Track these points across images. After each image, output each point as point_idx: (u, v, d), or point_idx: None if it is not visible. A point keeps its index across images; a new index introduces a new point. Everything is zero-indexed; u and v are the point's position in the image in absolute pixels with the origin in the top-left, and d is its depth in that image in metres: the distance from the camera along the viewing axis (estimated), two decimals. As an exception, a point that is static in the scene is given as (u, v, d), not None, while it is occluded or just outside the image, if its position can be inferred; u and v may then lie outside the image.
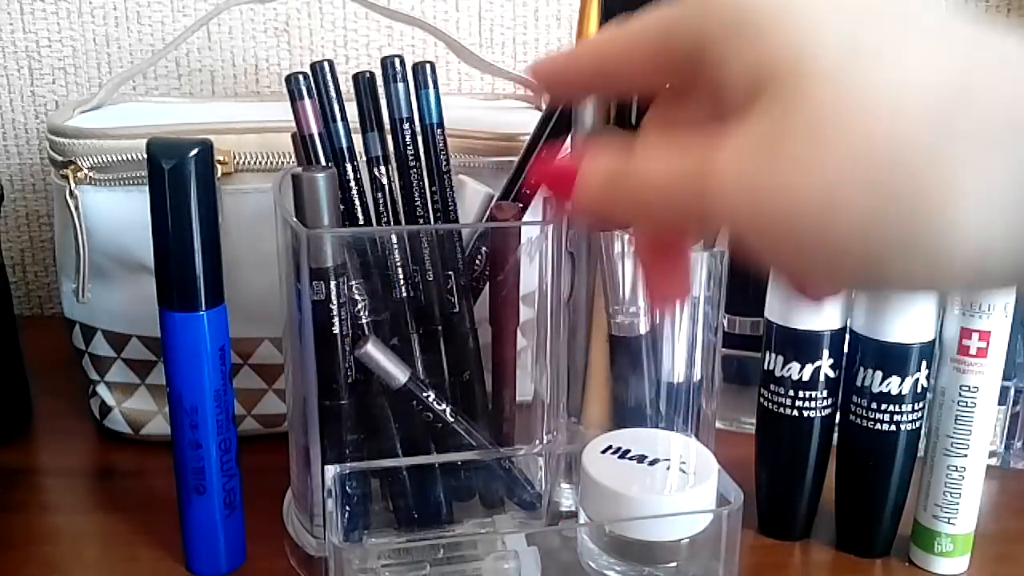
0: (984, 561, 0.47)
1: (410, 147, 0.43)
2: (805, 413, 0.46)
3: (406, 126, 0.42)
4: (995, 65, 0.20)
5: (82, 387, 0.58)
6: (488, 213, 0.45)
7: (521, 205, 0.45)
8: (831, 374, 0.46)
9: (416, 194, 0.43)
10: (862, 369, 0.45)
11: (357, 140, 0.43)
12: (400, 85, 0.42)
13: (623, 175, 0.24)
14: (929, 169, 0.19)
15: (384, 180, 0.43)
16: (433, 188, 0.43)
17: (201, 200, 0.40)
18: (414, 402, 0.42)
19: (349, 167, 0.42)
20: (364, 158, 0.43)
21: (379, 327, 0.42)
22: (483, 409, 0.45)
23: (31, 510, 0.51)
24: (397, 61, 0.42)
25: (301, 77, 0.41)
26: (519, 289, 0.45)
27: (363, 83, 0.42)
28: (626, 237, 0.43)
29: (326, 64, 0.42)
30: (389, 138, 0.43)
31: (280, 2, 0.72)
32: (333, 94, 0.42)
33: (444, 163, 0.43)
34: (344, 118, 0.42)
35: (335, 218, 0.40)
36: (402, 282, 0.42)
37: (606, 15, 0.48)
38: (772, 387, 0.47)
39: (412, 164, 0.43)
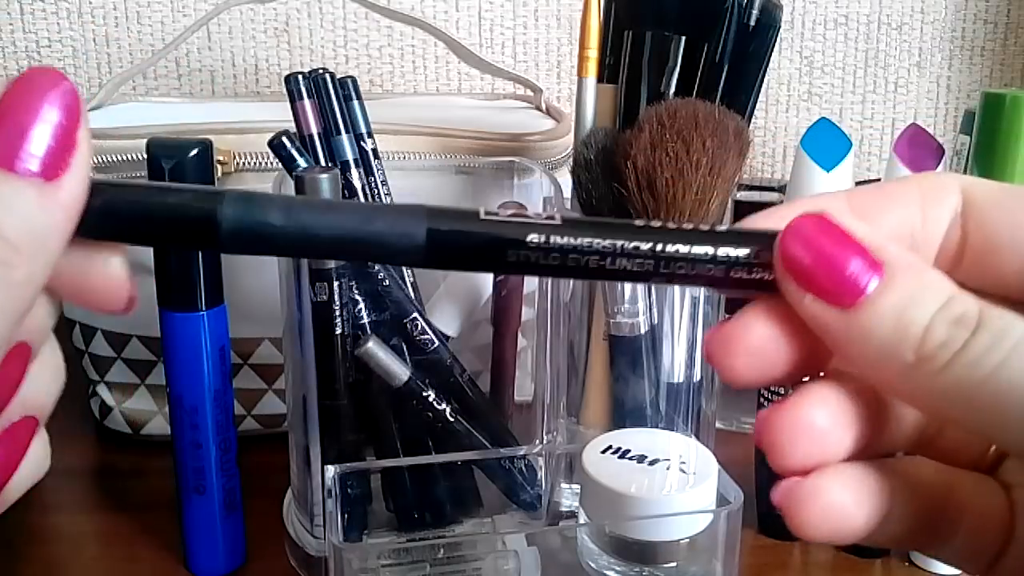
0: (984, 561, 0.47)
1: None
2: (805, 413, 0.46)
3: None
4: None
5: (82, 387, 0.58)
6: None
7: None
8: (831, 374, 0.46)
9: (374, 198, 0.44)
10: (862, 369, 0.45)
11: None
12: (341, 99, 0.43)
13: None
14: None
15: (356, 183, 0.43)
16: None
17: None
18: (414, 401, 0.42)
19: (355, 173, 0.42)
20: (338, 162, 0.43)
21: (379, 327, 0.42)
22: (483, 409, 0.45)
23: (31, 510, 0.51)
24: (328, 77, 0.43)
25: (300, 77, 0.41)
26: (522, 289, 0.45)
27: (321, 86, 0.43)
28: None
29: (327, 75, 0.42)
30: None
31: (280, 2, 0.72)
32: (335, 103, 0.42)
33: (378, 170, 0.45)
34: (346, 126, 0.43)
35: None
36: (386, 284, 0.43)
37: (608, 16, 0.48)
38: (772, 387, 0.47)
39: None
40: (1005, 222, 0.21)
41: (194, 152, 0.40)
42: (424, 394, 0.42)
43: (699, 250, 0.20)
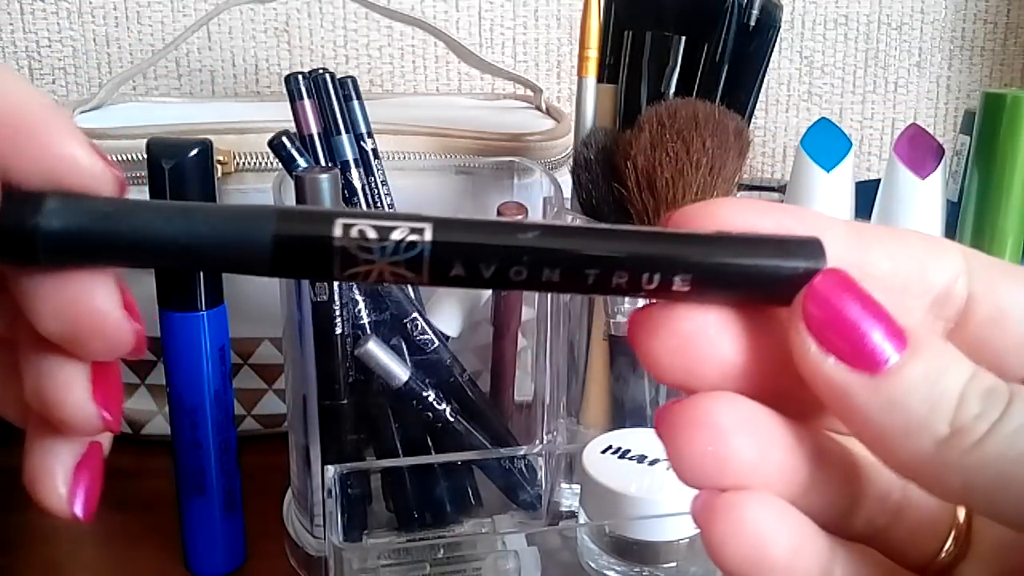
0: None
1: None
2: (805, 413, 0.46)
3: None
4: None
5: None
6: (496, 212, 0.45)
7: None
8: (831, 374, 0.46)
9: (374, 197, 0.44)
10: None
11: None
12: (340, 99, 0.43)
13: None
14: None
15: (356, 183, 0.43)
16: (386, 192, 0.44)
17: (201, 200, 0.40)
18: (414, 401, 0.42)
19: (355, 173, 0.42)
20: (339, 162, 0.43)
21: (379, 327, 0.42)
22: (483, 409, 0.45)
23: (31, 510, 0.50)
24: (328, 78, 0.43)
25: (300, 77, 0.41)
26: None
27: (321, 86, 0.43)
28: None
29: (327, 75, 0.42)
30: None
31: (280, 2, 0.72)
32: (335, 103, 0.42)
33: (378, 170, 0.45)
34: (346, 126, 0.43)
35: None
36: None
37: (608, 16, 0.48)
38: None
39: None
40: (1017, 293, 0.20)
41: (194, 152, 0.40)
42: (424, 394, 0.42)
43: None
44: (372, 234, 0.17)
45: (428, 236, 0.17)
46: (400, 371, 0.42)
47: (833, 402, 0.18)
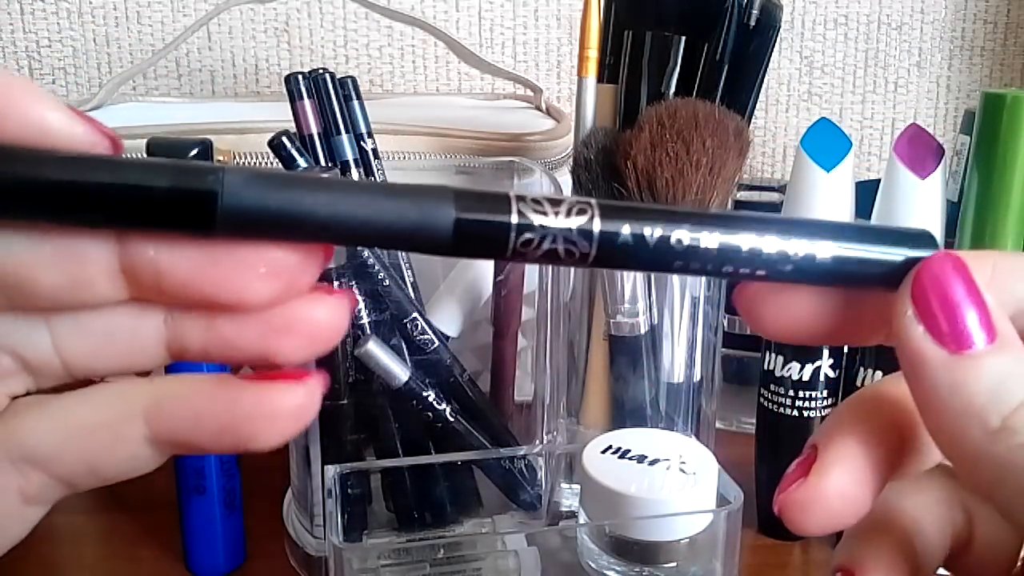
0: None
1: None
2: (805, 413, 0.46)
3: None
4: None
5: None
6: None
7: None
8: (831, 374, 0.46)
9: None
10: (862, 369, 0.45)
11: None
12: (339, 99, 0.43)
13: None
14: None
15: None
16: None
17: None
18: (414, 401, 0.42)
19: (355, 173, 0.42)
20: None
21: (379, 327, 0.42)
22: (483, 409, 0.45)
23: (31, 510, 0.51)
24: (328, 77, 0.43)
25: (300, 77, 0.41)
26: (522, 289, 0.45)
27: (321, 86, 0.43)
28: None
29: (327, 75, 0.42)
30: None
31: (280, 2, 0.72)
32: (335, 103, 0.42)
33: (378, 170, 0.45)
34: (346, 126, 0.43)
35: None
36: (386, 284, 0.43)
37: (608, 16, 0.49)
38: (772, 387, 0.47)
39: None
40: None
41: (194, 152, 0.40)
42: (424, 394, 0.42)
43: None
44: (545, 216, 0.18)
45: (596, 216, 0.19)
46: (400, 371, 0.42)
47: (909, 368, 0.20)
